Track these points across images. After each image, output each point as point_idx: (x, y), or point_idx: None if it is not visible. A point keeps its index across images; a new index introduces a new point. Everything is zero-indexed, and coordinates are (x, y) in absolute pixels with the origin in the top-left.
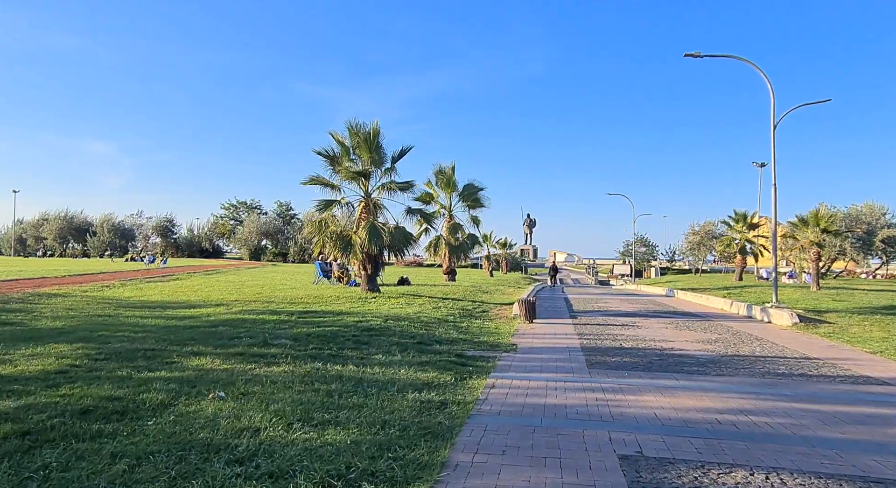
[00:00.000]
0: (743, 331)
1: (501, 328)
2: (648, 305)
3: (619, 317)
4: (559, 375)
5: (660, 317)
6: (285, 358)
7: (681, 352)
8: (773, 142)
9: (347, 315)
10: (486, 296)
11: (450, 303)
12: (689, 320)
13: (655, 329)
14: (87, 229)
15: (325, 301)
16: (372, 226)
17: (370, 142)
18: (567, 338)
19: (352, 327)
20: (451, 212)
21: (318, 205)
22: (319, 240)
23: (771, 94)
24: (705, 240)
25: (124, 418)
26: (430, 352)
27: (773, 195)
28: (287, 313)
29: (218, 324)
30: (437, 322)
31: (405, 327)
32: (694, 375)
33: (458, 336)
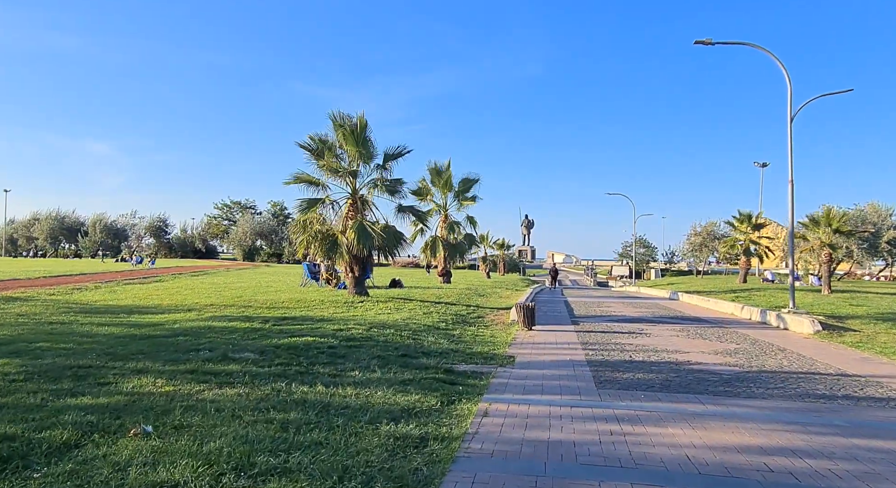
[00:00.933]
0: (762, 339)
1: (498, 336)
2: (653, 309)
3: (625, 323)
4: (564, 398)
5: (668, 324)
6: (243, 376)
7: (699, 365)
8: (790, 135)
9: (328, 322)
10: (482, 299)
11: (442, 307)
12: (699, 327)
13: (665, 337)
14: (79, 229)
15: (308, 305)
16: (359, 225)
17: (356, 135)
18: (570, 348)
19: (330, 337)
20: (447, 211)
21: (300, 205)
22: (303, 240)
23: (788, 84)
24: (707, 241)
25: (4, 470)
26: (416, 366)
27: (789, 192)
28: (262, 320)
29: (180, 332)
30: (426, 330)
31: (390, 336)
32: (721, 397)
33: (449, 346)
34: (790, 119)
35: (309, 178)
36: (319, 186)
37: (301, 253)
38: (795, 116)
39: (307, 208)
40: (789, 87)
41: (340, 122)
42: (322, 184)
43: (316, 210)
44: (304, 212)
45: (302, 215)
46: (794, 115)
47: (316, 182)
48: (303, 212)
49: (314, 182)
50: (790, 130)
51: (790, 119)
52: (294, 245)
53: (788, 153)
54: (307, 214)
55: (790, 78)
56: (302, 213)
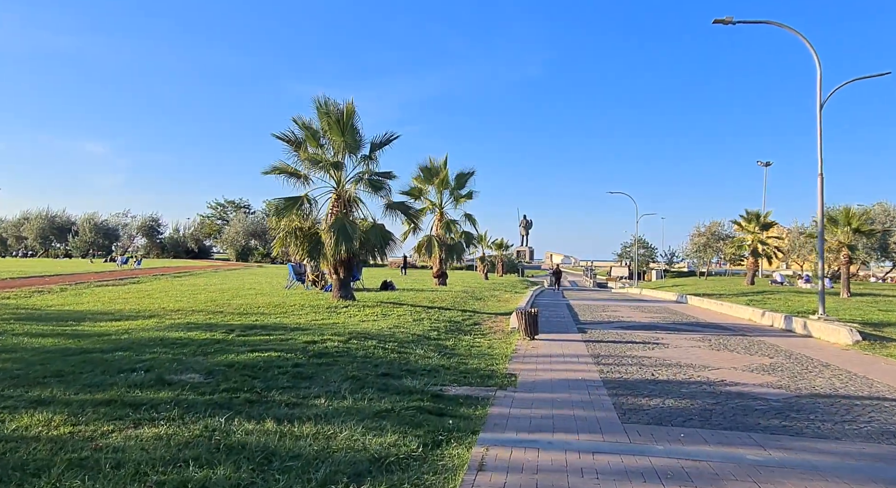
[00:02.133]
0: (796, 351)
1: (496, 347)
2: (664, 314)
3: (637, 331)
4: (583, 438)
5: (684, 332)
6: (173, 409)
7: (737, 387)
8: (820, 122)
9: (302, 332)
10: (479, 303)
11: (436, 313)
12: (720, 335)
13: (686, 348)
14: (69, 229)
15: (286, 311)
16: (342, 223)
17: (342, 124)
18: (580, 363)
19: (299, 351)
20: (443, 209)
21: (278, 201)
22: (280, 238)
23: (817, 68)
24: (712, 242)
25: None
26: (397, 390)
27: (818, 187)
28: (227, 329)
29: (123, 346)
30: (415, 340)
31: (371, 350)
32: (781, 436)
33: (440, 362)
34: (819, 106)
35: (289, 169)
36: (301, 179)
37: (276, 252)
38: (825, 103)
39: (286, 205)
40: (819, 71)
41: (325, 110)
42: (303, 176)
43: (295, 207)
44: (283, 211)
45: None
46: (823, 102)
47: (297, 173)
48: (282, 211)
49: (295, 173)
50: (819, 118)
51: (819, 106)
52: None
53: (818, 143)
54: (286, 210)
55: (820, 61)
56: (282, 214)
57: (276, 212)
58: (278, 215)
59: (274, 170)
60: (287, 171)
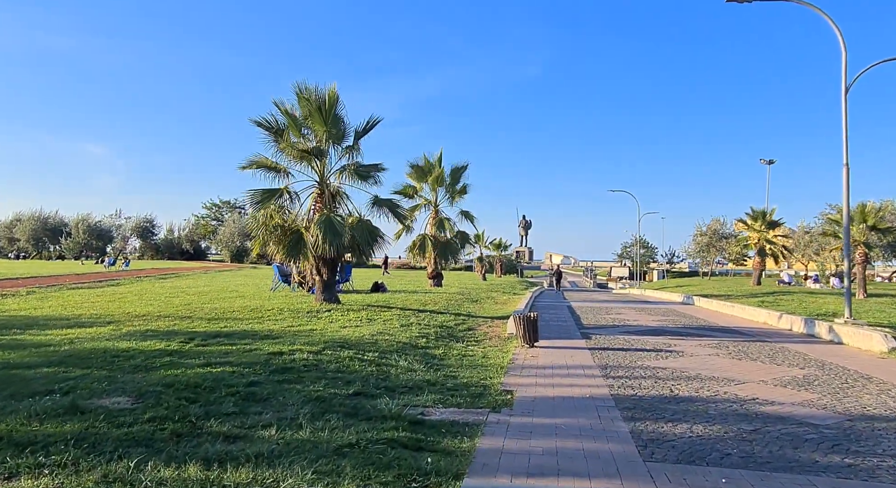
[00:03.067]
0: (827, 360)
1: (491, 357)
2: (671, 317)
3: (645, 336)
4: (594, 486)
5: (697, 337)
6: (74, 448)
7: (774, 406)
8: (845, 108)
9: (272, 340)
10: (475, 306)
11: (427, 317)
12: (738, 341)
13: (703, 357)
14: (62, 230)
15: (262, 316)
16: (327, 219)
17: (325, 112)
18: (586, 376)
19: (260, 365)
20: (438, 206)
21: (254, 196)
22: (259, 237)
23: (842, 50)
24: (714, 241)
25: None
26: (368, 415)
27: (844, 178)
28: (187, 337)
29: (56, 360)
30: (399, 350)
31: (346, 362)
32: (848, 478)
33: (425, 376)
34: (844, 91)
35: (268, 163)
36: (281, 173)
37: (256, 252)
38: (851, 87)
39: (263, 200)
40: (844, 53)
41: (306, 95)
42: (284, 170)
43: (272, 202)
44: (259, 204)
45: (258, 208)
46: (849, 86)
47: (276, 167)
48: (258, 204)
49: (275, 168)
50: (844, 104)
51: (844, 91)
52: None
53: (843, 131)
54: (264, 207)
55: (845, 42)
56: (257, 206)
57: (254, 204)
58: (256, 207)
59: (252, 165)
60: (266, 165)
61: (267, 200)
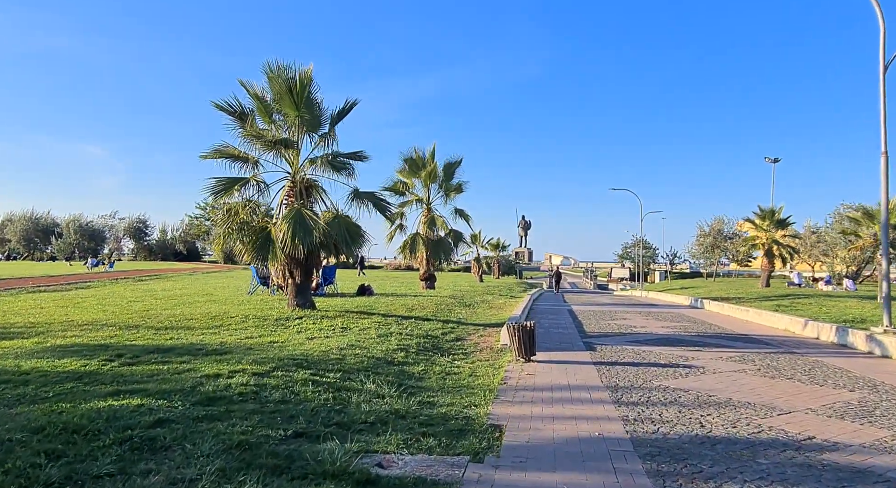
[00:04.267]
0: (878, 379)
1: (480, 375)
2: (682, 323)
3: (657, 347)
4: None
5: (715, 347)
6: None
7: (842, 455)
8: (883, 89)
9: (217, 357)
10: (468, 311)
11: (411, 325)
12: (762, 352)
13: (729, 374)
14: (53, 230)
15: (223, 324)
16: (297, 214)
17: (296, 94)
18: (593, 402)
19: (183, 394)
20: (430, 204)
21: (214, 185)
22: (222, 233)
23: (881, 24)
24: (719, 241)
25: None
26: (303, 471)
27: (882, 167)
28: (115, 354)
29: None
30: (370, 367)
31: (298, 387)
32: None
33: (394, 404)
34: (882, 68)
35: (234, 152)
36: (249, 163)
37: (218, 251)
38: (890, 64)
39: (223, 189)
40: (882, 27)
41: (276, 76)
42: (252, 160)
43: (236, 191)
44: (219, 194)
45: (218, 198)
46: (888, 64)
47: (244, 157)
48: (217, 194)
49: (242, 157)
50: (883, 84)
51: (882, 68)
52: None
53: (881, 113)
54: (227, 194)
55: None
56: (217, 196)
57: (213, 193)
58: (216, 197)
59: (215, 154)
60: (232, 155)
61: (228, 189)
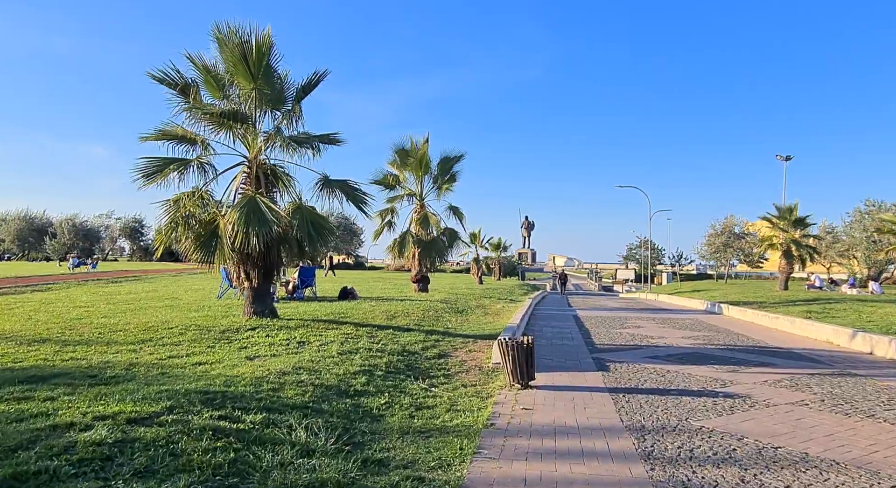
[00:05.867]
0: None
1: (461, 409)
2: (703, 332)
3: (682, 365)
4: None
5: (753, 365)
6: None
7: None
8: None
9: (100, 388)
10: (459, 319)
11: (386, 337)
12: (814, 373)
13: (787, 408)
14: (48, 230)
15: (153, 338)
16: (252, 203)
17: (251, 63)
18: (614, 459)
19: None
20: (424, 199)
21: (146, 167)
22: (164, 228)
23: None
24: (731, 241)
25: None
26: None
27: None
28: None
29: None
30: (312, 403)
31: (186, 442)
32: None
33: (324, 471)
34: None
35: (179, 132)
36: (198, 146)
37: (160, 250)
38: None
39: (156, 172)
40: None
41: (227, 41)
42: (202, 142)
43: (171, 173)
44: (151, 178)
45: (147, 182)
46: None
47: (191, 138)
48: (149, 178)
49: (189, 139)
50: None
51: None
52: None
53: None
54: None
55: None
56: (147, 180)
57: (144, 176)
58: (146, 181)
59: (159, 135)
60: (176, 136)
61: (162, 171)
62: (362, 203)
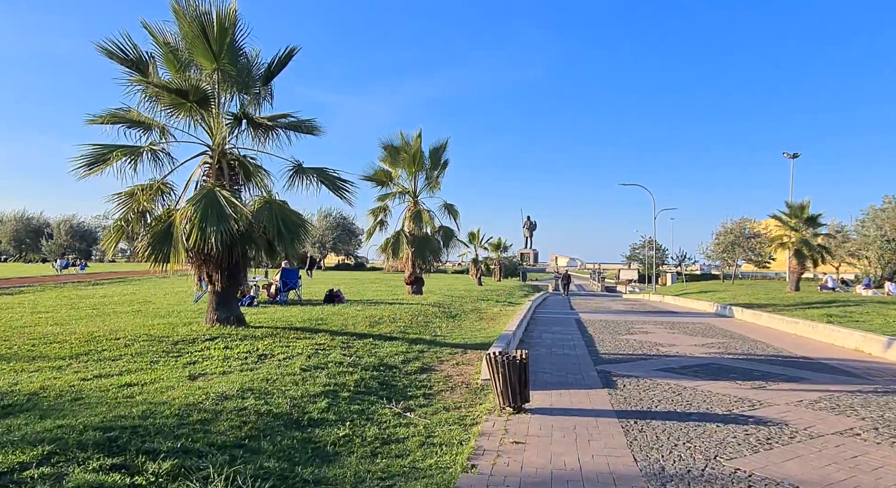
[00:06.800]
0: None
1: (436, 445)
2: (718, 339)
3: (700, 381)
4: None
5: (781, 380)
6: None
7: None
8: None
9: None
10: (450, 324)
11: (363, 347)
12: (853, 390)
13: (836, 440)
14: (44, 231)
15: (95, 349)
16: (210, 195)
17: (212, 39)
18: None
19: None
20: (417, 196)
21: (90, 156)
22: (113, 226)
23: None
24: (741, 241)
25: None
26: None
27: None
28: None
29: None
30: (247, 438)
31: None
32: None
33: None
34: None
35: (132, 116)
36: (153, 131)
37: (111, 250)
38: None
39: (99, 161)
40: None
41: (185, 14)
42: (159, 127)
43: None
44: (92, 167)
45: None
46: None
47: (147, 122)
48: (91, 167)
49: (144, 124)
50: None
51: None
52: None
53: None
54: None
55: None
56: (87, 170)
57: (83, 166)
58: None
59: (108, 118)
60: (128, 120)
61: (106, 159)
62: (344, 191)
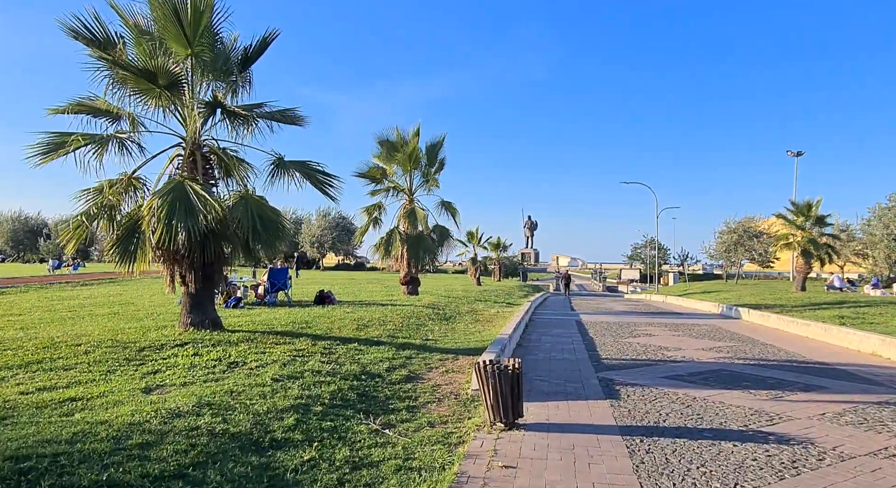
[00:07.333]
0: None
1: (414, 470)
2: (725, 342)
3: (710, 389)
4: None
5: (799, 389)
6: None
7: None
8: None
9: None
10: (443, 327)
11: (346, 353)
12: (881, 402)
13: (873, 464)
14: (42, 231)
15: (51, 357)
16: (178, 188)
17: (187, 24)
18: None
19: None
20: (413, 194)
21: (47, 145)
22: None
23: None
24: (745, 240)
25: None
26: None
27: None
28: None
29: None
30: (195, 465)
31: None
32: None
33: None
34: None
35: (98, 105)
36: (122, 121)
37: (71, 247)
38: None
39: (53, 149)
40: None
41: None
42: (128, 116)
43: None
44: (46, 156)
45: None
46: None
47: (114, 112)
48: (45, 156)
49: (110, 112)
50: None
51: None
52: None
53: None
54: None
55: None
56: (41, 159)
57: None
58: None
59: (72, 107)
60: (94, 108)
61: (62, 146)
62: (327, 186)
